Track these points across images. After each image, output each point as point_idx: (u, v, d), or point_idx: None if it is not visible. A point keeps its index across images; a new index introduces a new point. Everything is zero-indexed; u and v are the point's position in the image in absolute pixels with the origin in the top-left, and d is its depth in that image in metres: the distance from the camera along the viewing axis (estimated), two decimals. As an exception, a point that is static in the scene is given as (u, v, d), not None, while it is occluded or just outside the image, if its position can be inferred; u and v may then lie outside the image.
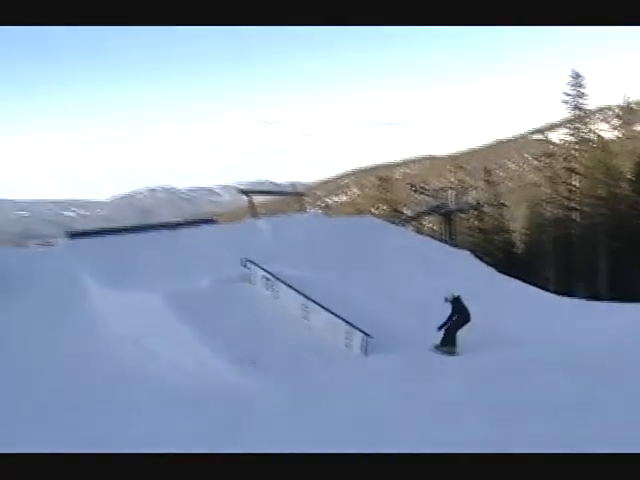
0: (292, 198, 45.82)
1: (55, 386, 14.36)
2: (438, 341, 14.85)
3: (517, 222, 61.21)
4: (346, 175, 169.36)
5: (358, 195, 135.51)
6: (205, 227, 25.84)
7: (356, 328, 15.47)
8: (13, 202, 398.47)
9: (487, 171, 64.14)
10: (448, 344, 14.81)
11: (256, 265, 18.84)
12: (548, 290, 27.69)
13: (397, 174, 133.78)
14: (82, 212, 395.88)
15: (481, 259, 29.92)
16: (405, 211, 54.40)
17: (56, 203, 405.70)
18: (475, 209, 49.55)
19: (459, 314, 14.76)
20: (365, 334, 15.28)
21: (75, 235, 23.75)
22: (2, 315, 17.46)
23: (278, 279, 17.94)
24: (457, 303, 14.86)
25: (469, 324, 14.71)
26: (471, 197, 53.10)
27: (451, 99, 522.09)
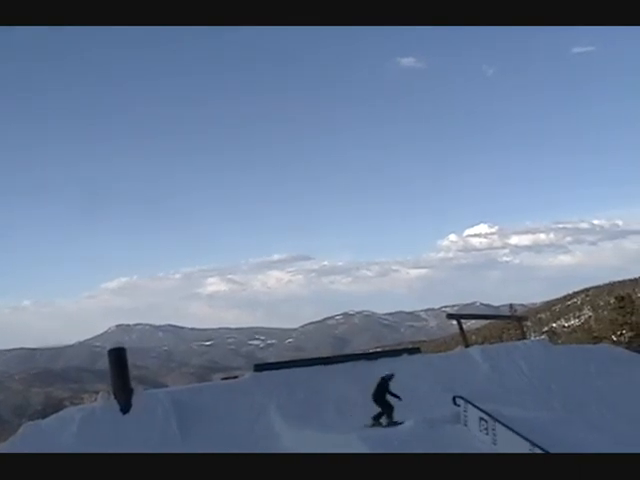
0: (510, 323, 45.31)
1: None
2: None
3: None
4: (576, 294, 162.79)
5: (592, 318, 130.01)
6: (408, 357, 25.79)
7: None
8: (196, 331, 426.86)
9: None
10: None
11: (469, 403, 18.46)
12: None
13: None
14: (269, 341, 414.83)
15: None
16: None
17: (241, 331, 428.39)
18: None
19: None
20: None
21: (262, 367, 24.64)
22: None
23: (497, 420, 17.42)
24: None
25: None
26: None
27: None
